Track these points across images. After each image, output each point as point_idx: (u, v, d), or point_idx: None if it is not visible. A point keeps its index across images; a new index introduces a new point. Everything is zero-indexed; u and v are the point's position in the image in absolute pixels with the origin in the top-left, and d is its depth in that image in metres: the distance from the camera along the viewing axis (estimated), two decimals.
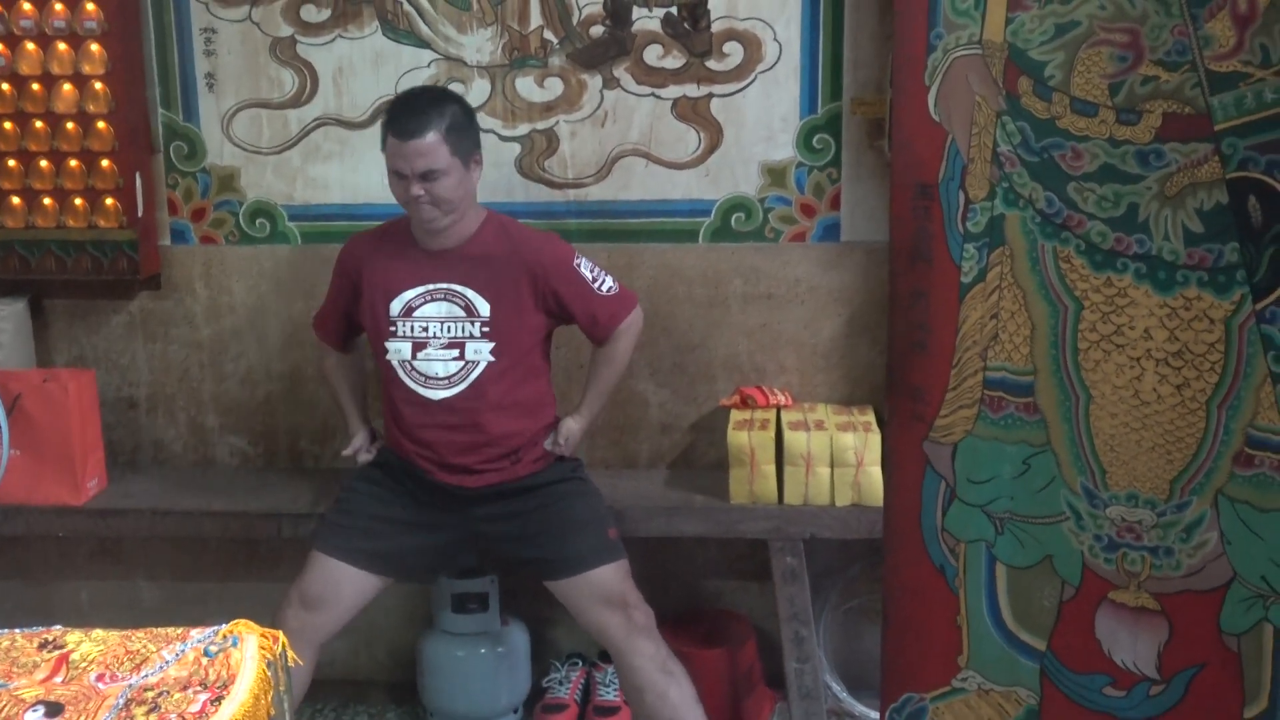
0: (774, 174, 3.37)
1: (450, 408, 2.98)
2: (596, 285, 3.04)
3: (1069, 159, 2.09)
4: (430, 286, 3.00)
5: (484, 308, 2.98)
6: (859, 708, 3.47)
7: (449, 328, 2.99)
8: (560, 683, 3.54)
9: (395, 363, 3.01)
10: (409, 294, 3.00)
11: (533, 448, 3.05)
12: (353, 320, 3.15)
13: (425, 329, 2.99)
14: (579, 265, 3.04)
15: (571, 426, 3.11)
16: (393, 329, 3.00)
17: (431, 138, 2.85)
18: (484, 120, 3.38)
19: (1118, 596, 2.22)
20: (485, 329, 2.98)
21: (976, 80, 2.12)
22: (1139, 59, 2.03)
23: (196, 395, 3.62)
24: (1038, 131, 2.10)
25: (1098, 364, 2.14)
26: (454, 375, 2.98)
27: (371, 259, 3.06)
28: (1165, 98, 2.03)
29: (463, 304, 2.98)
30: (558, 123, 3.40)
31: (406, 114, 2.90)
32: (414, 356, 2.99)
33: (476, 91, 3.38)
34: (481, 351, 2.98)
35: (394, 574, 3.08)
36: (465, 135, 2.93)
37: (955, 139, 2.15)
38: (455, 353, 2.99)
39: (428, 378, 2.99)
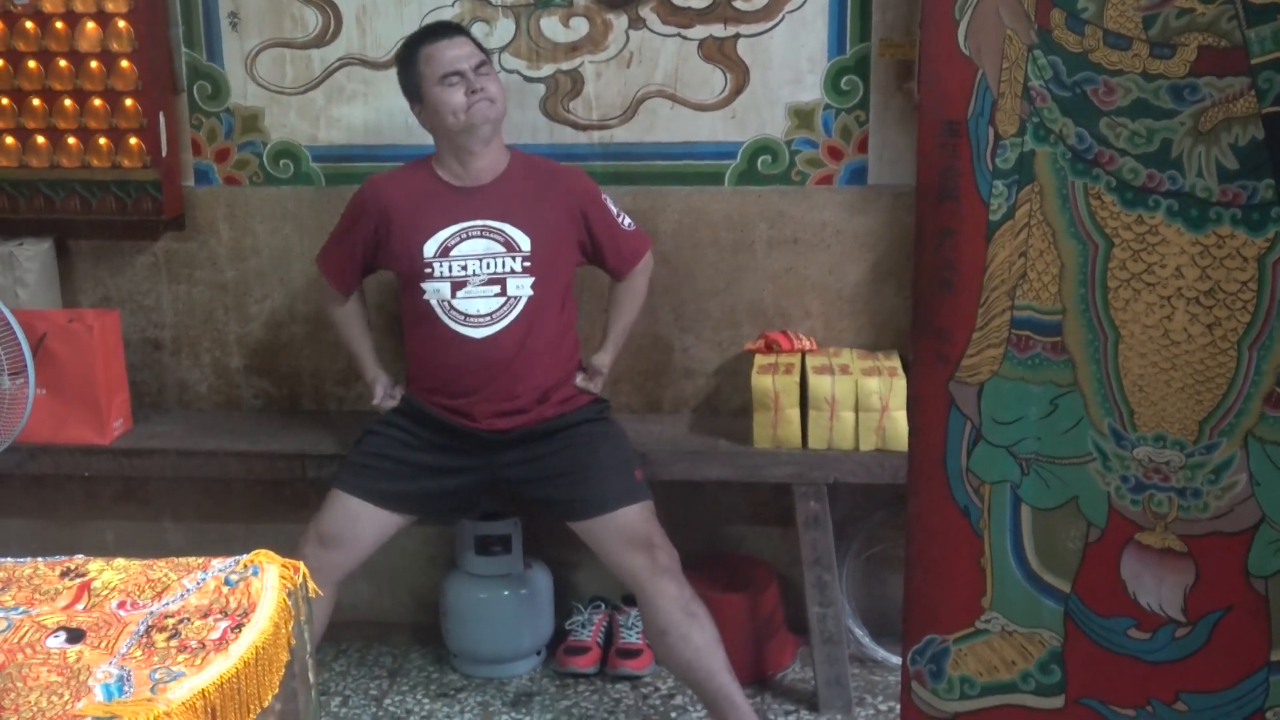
0: (801, 116, 3.34)
1: (494, 344, 2.98)
2: (620, 220, 3.13)
3: (1101, 94, 2.05)
4: (466, 224, 3.00)
5: (524, 242, 2.99)
6: (881, 653, 3.48)
7: (489, 264, 2.98)
8: (583, 626, 3.55)
9: (434, 303, 2.99)
10: (444, 233, 2.99)
11: (561, 388, 3.05)
12: (367, 263, 3.13)
13: (464, 267, 2.98)
14: (605, 199, 3.12)
15: (602, 360, 3.16)
16: (429, 270, 2.99)
17: (465, 38, 3.04)
18: (508, 61, 3.37)
19: (1144, 538, 2.19)
20: (526, 264, 2.98)
21: (1007, 14, 2.08)
22: None
23: (221, 337, 3.63)
24: (1069, 66, 2.06)
25: (1127, 303, 2.11)
26: (496, 311, 2.98)
27: (397, 199, 3.05)
28: (1201, 31, 1.98)
29: (502, 240, 2.98)
30: (583, 63, 3.37)
31: (435, 27, 3.08)
32: (454, 295, 2.98)
33: (501, 31, 3.35)
34: (523, 287, 2.98)
35: (414, 514, 3.09)
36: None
37: (985, 74, 2.11)
38: (497, 288, 2.98)
39: (468, 315, 2.98)
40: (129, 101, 3.36)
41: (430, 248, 2.99)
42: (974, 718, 2.37)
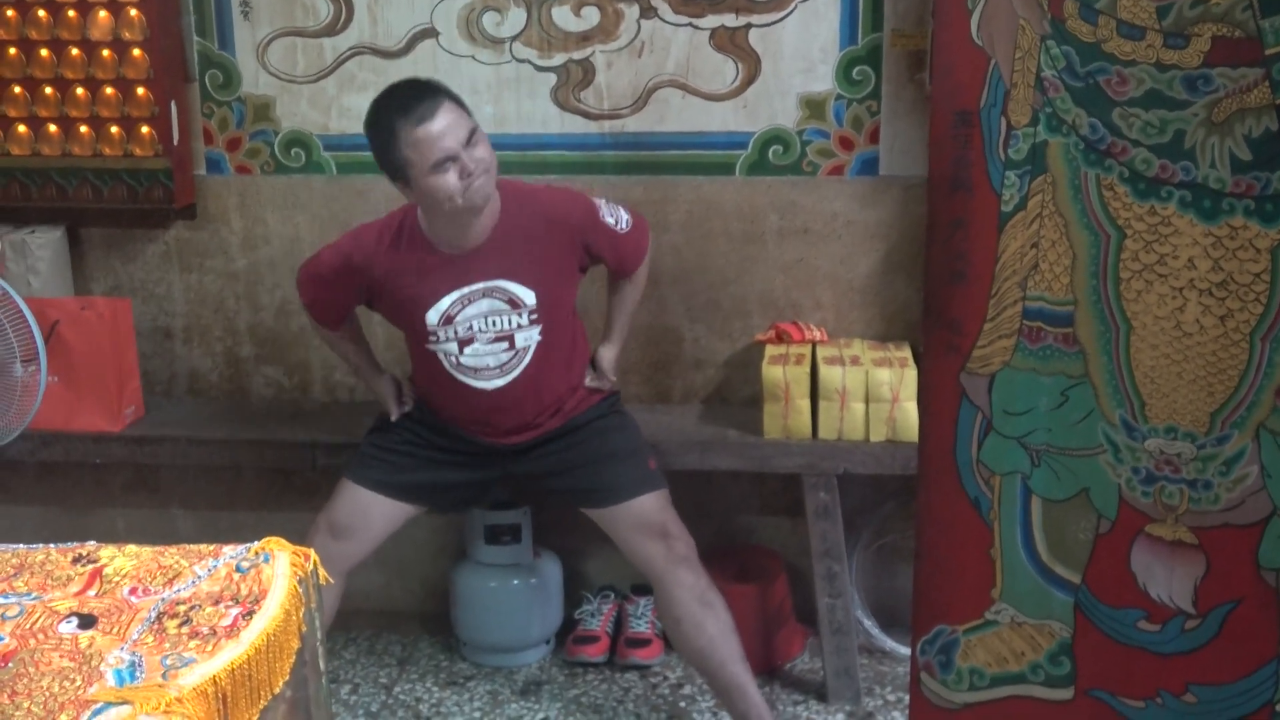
0: (812, 106, 3.33)
1: (505, 393, 2.91)
2: (619, 227, 2.95)
3: (1114, 84, 2.05)
4: (468, 289, 2.83)
5: (529, 297, 2.85)
6: (890, 644, 3.47)
7: (494, 321, 2.86)
8: (592, 615, 3.55)
9: (440, 356, 2.90)
10: (445, 301, 2.84)
11: (572, 396, 3.02)
12: (360, 303, 3.01)
13: (470, 327, 2.86)
14: (602, 214, 2.93)
15: (609, 356, 3.11)
16: (433, 336, 2.87)
17: (449, 105, 2.68)
18: (520, 50, 3.36)
19: (1154, 530, 2.19)
20: (533, 316, 2.86)
21: (1020, 3, 2.08)
22: None
23: (232, 326, 3.63)
24: (1083, 56, 2.06)
25: (1139, 294, 2.11)
26: (505, 364, 2.89)
27: (388, 269, 2.87)
28: (1215, 21, 1.98)
29: (506, 298, 2.84)
30: (594, 53, 3.36)
31: (412, 95, 2.69)
32: (461, 352, 2.88)
33: (512, 20, 3.35)
34: (531, 337, 2.88)
35: (425, 504, 3.08)
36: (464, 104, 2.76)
37: (998, 64, 2.11)
38: (505, 344, 2.88)
39: (477, 370, 2.89)
40: (141, 90, 3.36)
41: (433, 317, 2.85)
42: (983, 709, 2.37)
